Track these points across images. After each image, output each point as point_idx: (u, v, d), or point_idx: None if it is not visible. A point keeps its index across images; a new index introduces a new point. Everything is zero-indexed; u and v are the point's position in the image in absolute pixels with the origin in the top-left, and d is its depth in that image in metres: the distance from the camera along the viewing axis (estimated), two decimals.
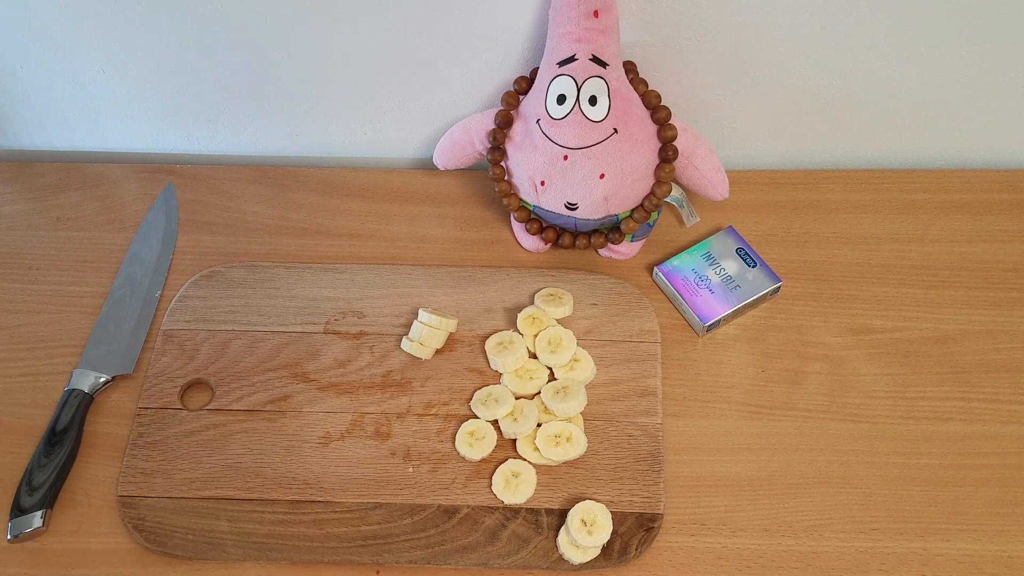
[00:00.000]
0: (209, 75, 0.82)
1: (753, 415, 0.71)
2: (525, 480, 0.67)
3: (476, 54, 0.78)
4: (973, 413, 0.70)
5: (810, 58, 0.77)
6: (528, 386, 0.71)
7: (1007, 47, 0.76)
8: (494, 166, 0.77)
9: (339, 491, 0.68)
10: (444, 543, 0.65)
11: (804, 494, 0.67)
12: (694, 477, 0.68)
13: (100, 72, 0.82)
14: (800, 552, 0.64)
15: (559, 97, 0.70)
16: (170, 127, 0.88)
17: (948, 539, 0.65)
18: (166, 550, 0.65)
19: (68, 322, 0.78)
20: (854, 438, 0.69)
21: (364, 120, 0.86)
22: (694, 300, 0.75)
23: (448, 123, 0.83)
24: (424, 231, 0.83)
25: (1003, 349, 0.73)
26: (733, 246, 0.78)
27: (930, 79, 0.78)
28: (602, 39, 0.69)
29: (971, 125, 0.83)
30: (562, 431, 0.68)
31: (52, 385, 0.74)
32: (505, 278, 0.78)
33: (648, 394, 0.71)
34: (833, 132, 0.85)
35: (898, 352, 0.74)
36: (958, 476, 0.67)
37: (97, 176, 0.88)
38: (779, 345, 0.75)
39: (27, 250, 0.83)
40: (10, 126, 0.89)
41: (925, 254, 0.79)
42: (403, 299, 0.77)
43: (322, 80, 0.82)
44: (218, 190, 0.87)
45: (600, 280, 0.78)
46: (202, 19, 0.76)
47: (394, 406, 0.72)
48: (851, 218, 0.82)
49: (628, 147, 0.71)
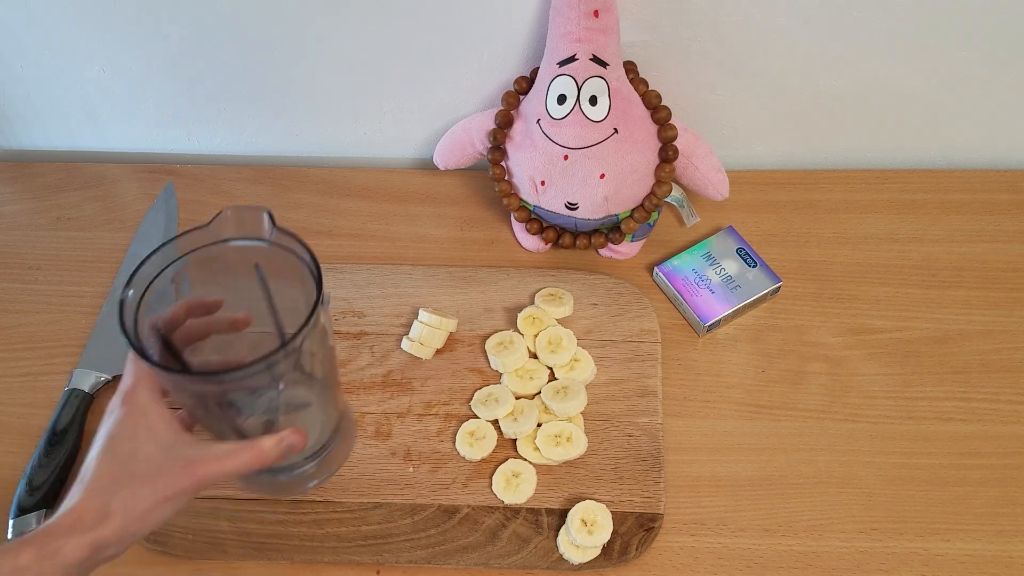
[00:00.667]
0: (209, 75, 0.82)
1: (753, 415, 0.71)
2: (525, 480, 0.67)
3: (476, 54, 0.78)
4: (973, 413, 0.70)
5: (810, 58, 0.77)
6: (528, 386, 0.71)
7: (1007, 47, 0.76)
8: (494, 166, 0.77)
9: (339, 491, 0.68)
10: (444, 543, 0.65)
11: (804, 494, 0.67)
12: (694, 477, 0.68)
13: (100, 72, 0.82)
14: (800, 552, 0.64)
15: (559, 97, 0.70)
16: (170, 127, 0.88)
17: (948, 539, 0.65)
18: (166, 550, 0.65)
19: (68, 322, 0.78)
20: (854, 438, 0.69)
21: (364, 120, 0.86)
22: (694, 300, 0.75)
23: (448, 123, 0.83)
24: (424, 231, 0.83)
25: (1003, 349, 0.73)
26: (733, 246, 0.78)
27: (930, 79, 0.79)
28: (602, 39, 0.69)
29: (971, 125, 0.83)
30: (562, 431, 0.68)
31: (52, 385, 0.74)
32: (505, 278, 0.78)
33: (648, 394, 0.71)
34: (833, 132, 0.85)
35: (898, 352, 0.74)
36: (958, 476, 0.67)
37: (97, 176, 0.88)
38: (779, 345, 0.75)
39: (27, 250, 0.83)
40: (10, 126, 0.89)
41: (925, 254, 0.79)
42: (403, 299, 0.77)
43: (322, 80, 0.82)
44: (218, 190, 0.87)
45: (600, 280, 0.78)
46: (202, 19, 0.76)
47: (394, 406, 0.72)
48: (851, 218, 0.82)
49: (628, 147, 0.71)
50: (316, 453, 0.60)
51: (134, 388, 0.50)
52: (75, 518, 0.47)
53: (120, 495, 0.48)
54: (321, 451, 0.60)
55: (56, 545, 0.46)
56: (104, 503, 0.47)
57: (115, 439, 0.49)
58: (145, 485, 0.48)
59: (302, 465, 0.60)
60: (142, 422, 0.50)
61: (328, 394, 0.59)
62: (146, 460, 0.49)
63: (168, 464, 0.49)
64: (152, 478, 0.48)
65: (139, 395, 0.50)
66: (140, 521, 0.48)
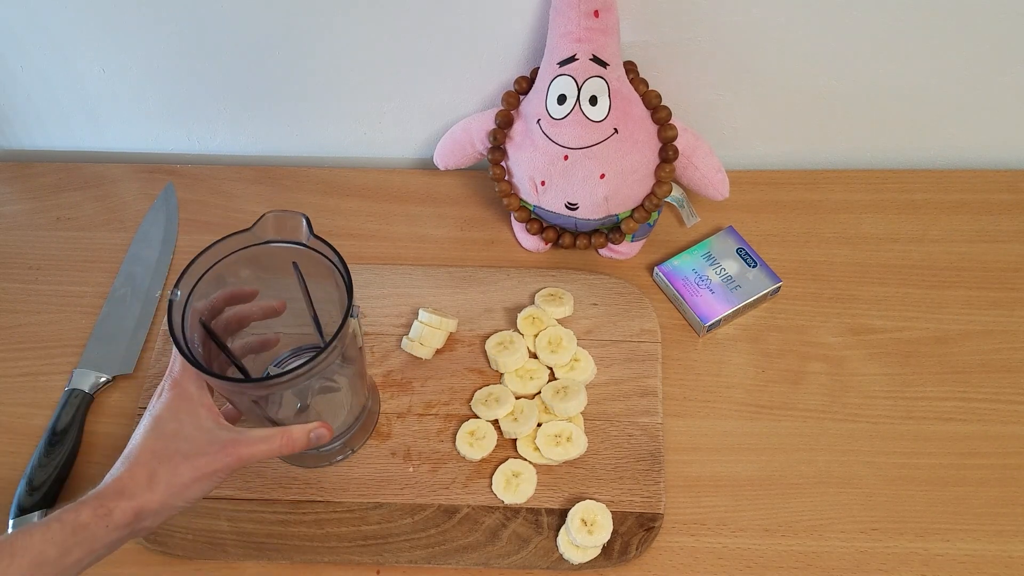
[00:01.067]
0: (209, 75, 0.82)
1: (753, 415, 0.71)
2: (525, 480, 0.67)
3: (476, 54, 0.78)
4: (973, 413, 0.70)
5: (810, 58, 0.77)
6: (528, 386, 0.71)
7: (1007, 47, 0.76)
8: (494, 166, 0.77)
9: (339, 491, 0.68)
10: (444, 543, 0.65)
11: (804, 494, 0.67)
12: (694, 477, 0.68)
13: (100, 72, 0.82)
14: (800, 552, 0.64)
15: (559, 97, 0.70)
16: (170, 127, 0.88)
17: (948, 539, 0.65)
18: (166, 550, 0.65)
19: (68, 322, 0.78)
20: (854, 438, 0.69)
21: (364, 120, 0.86)
22: (694, 300, 0.75)
23: (448, 123, 0.83)
24: (424, 231, 0.83)
25: (1003, 349, 0.73)
26: (733, 246, 0.78)
27: (930, 79, 0.79)
28: (602, 39, 0.69)
29: (971, 125, 0.83)
30: (562, 431, 0.68)
31: (52, 385, 0.74)
32: (505, 278, 0.78)
33: (648, 394, 0.71)
34: (833, 132, 0.85)
35: (898, 352, 0.74)
36: (958, 476, 0.67)
37: (97, 176, 0.88)
38: (779, 345, 0.75)
39: (27, 250, 0.83)
40: (10, 126, 0.89)
41: (925, 254, 0.79)
42: (403, 299, 0.77)
43: (322, 80, 0.82)
44: (218, 190, 0.87)
45: (600, 280, 0.78)
46: (203, 19, 0.76)
47: (394, 406, 0.72)
48: (851, 218, 0.82)
49: (628, 147, 0.71)
50: (343, 433, 0.67)
51: (181, 376, 0.55)
52: (122, 485, 0.52)
53: (163, 469, 0.53)
54: (347, 431, 0.67)
55: (109, 507, 0.51)
56: (149, 474, 0.52)
57: (160, 420, 0.54)
58: (186, 462, 0.53)
59: (331, 444, 0.66)
60: (185, 406, 0.55)
61: (356, 382, 0.65)
62: (187, 440, 0.54)
63: (207, 445, 0.54)
64: (192, 456, 0.53)
65: (185, 383, 0.55)
66: (180, 494, 0.53)
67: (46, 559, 0.49)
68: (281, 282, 0.61)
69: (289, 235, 0.58)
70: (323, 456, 0.68)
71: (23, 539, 0.49)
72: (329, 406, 0.65)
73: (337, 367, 0.59)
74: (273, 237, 0.58)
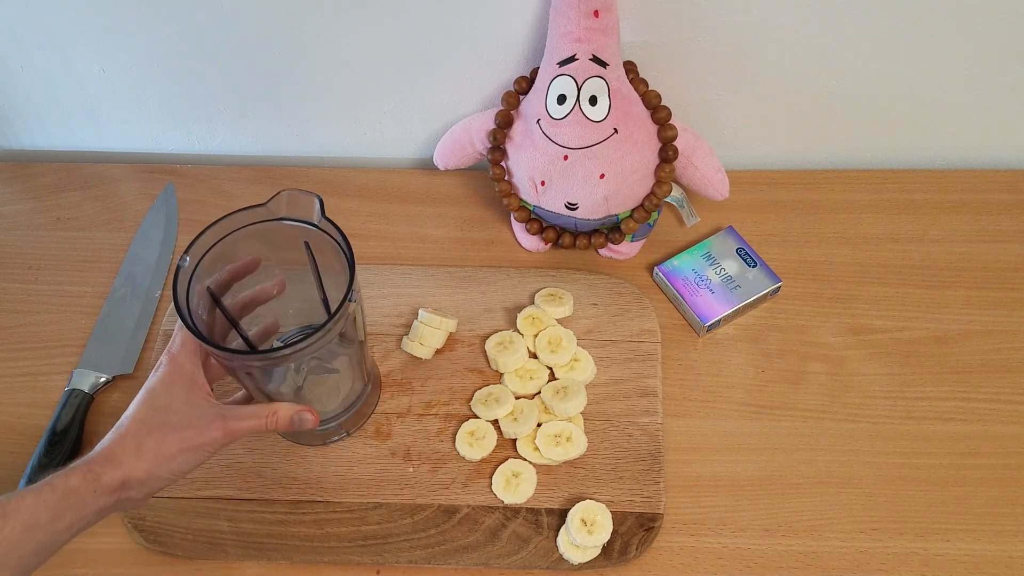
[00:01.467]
0: (209, 75, 0.82)
1: (753, 415, 0.71)
2: (525, 480, 0.67)
3: (476, 54, 0.78)
4: (973, 413, 0.70)
5: (810, 58, 0.77)
6: (528, 386, 0.71)
7: (1006, 47, 0.76)
8: (494, 166, 0.77)
9: (339, 491, 0.68)
10: (444, 543, 0.65)
11: (804, 494, 0.67)
12: (694, 477, 0.68)
13: (100, 72, 0.82)
14: (800, 552, 0.64)
15: (559, 97, 0.70)
16: (170, 127, 0.88)
17: (948, 539, 0.65)
18: (166, 550, 0.65)
19: (68, 322, 0.78)
20: (854, 438, 0.69)
21: (364, 120, 0.86)
22: (694, 300, 0.75)
23: (448, 123, 0.83)
24: (424, 231, 0.83)
25: (1003, 349, 0.73)
26: (733, 246, 0.78)
27: (930, 79, 0.78)
28: (602, 39, 0.69)
29: (971, 125, 0.83)
30: (562, 431, 0.68)
31: (52, 385, 0.74)
32: (505, 278, 0.78)
33: (648, 394, 0.71)
34: (833, 132, 0.85)
35: (898, 352, 0.74)
36: (958, 476, 0.67)
37: (97, 176, 0.88)
38: (779, 345, 0.75)
39: (27, 250, 0.83)
40: (10, 126, 0.89)
41: (925, 254, 0.79)
42: (403, 299, 0.77)
43: (322, 80, 0.82)
44: (218, 190, 0.87)
45: (600, 280, 0.78)
46: (202, 19, 0.76)
47: (394, 406, 0.72)
48: (851, 218, 0.82)
49: (628, 147, 0.71)
50: (338, 414, 0.68)
51: (179, 352, 0.57)
52: (110, 452, 0.53)
53: (150, 439, 0.54)
54: (343, 413, 0.68)
55: (97, 471, 0.52)
56: (137, 443, 0.54)
57: (153, 392, 0.56)
58: (174, 433, 0.55)
59: (328, 423, 0.68)
60: (180, 381, 0.56)
61: (356, 367, 0.66)
62: (177, 412, 0.55)
63: (196, 419, 0.56)
64: (180, 428, 0.55)
65: (182, 358, 0.57)
66: (165, 464, 0.54)
67: (38, 522, 0.50)
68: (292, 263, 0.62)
69: (302, 214, 0.59)
70: (316, 435, 0.69)
71: (15, 502, 0.50)
72: (325, 388, 0.66)
73: (336, 347, 0.59)
74: (286, 215, 0.59)
